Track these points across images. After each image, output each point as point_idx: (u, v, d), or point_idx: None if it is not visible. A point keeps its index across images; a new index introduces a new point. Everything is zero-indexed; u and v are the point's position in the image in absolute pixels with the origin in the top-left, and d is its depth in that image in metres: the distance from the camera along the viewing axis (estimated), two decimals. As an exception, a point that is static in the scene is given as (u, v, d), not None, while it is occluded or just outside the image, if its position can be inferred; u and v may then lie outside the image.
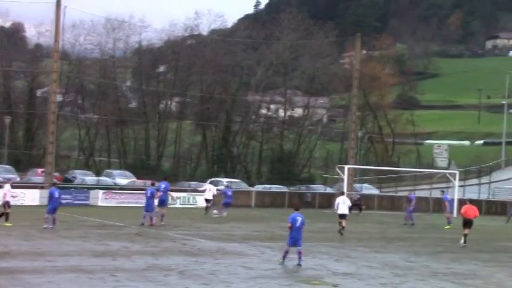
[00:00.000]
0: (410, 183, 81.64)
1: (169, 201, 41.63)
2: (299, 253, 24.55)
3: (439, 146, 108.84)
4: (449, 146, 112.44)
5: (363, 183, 76.22)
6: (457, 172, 67.61)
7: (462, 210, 36.23)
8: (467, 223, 35.39)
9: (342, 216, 38.71)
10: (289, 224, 24.64)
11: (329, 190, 70.01)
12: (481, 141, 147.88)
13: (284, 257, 24.80)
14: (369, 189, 72.70)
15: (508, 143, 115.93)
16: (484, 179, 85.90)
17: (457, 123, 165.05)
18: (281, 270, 23.63)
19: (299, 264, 24.45)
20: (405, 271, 24.61)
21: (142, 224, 36.95)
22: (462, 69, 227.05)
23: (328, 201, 63.16)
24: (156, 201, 38.08)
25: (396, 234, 40.72)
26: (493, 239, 39.07)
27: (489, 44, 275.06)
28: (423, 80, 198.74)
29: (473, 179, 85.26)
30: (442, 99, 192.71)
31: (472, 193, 75.89)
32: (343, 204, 38.89)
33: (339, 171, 61.19)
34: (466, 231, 35.40)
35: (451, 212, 48.66)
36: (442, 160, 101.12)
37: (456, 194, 63.97)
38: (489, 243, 36.88)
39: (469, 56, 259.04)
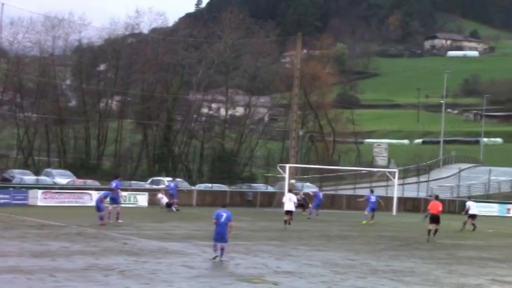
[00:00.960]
0: (351, 181, 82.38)
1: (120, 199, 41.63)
2: (222, 249, 25.08)
3: (379, 145, 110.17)
4: (389, 144, 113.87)
5: (304, 182, 76.57)
6: (396, 170, 68.36)
7: (429, 206, 38.60)
8: (433, 218, 37.50)
9: (288, 212, 40.37)
10: (214, 220, 25.23)
11: (270, 189, 70.19)
12: (420, 140, 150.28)
13: (215, 251, 25.18)
14: (309, 188, 73.06)
15: (446, 142, 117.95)
16: (423, 177, 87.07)
17: (397, 122, 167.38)
18: (222, 269, 23.66)
19: (221, 260, 24.88)
20: (345, 269, 24.83)
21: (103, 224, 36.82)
22: (401, 69, 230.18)
23: (269, 200, 63.39)
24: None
25: (337, 232, 41.07)
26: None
27: (427, 44, 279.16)
28: (363, 79, 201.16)
29: (412, 178, 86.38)
30: (381, 99, 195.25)
31: (411, 191, 76.97)
32: (289, 202, 40.63)
33: (280, 170, 61.39)
34: (431, 226, 37.48)
35: (371, 210, 49.56)
36: (381, 159, 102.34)
37: (396, 192, 64.77)
38: (427, 240, 37.45)
39: (408, 56, 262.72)
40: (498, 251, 34.65)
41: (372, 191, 52.88)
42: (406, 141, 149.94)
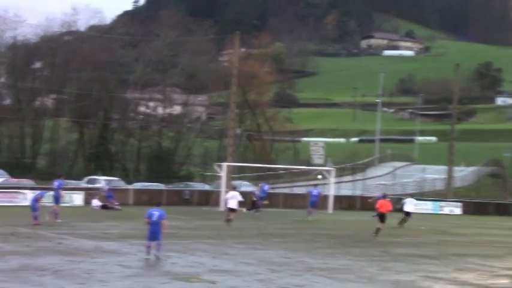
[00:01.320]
0: (288, 180, 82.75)
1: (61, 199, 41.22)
2: (158, 245, 25.24)
3: (316, 144, 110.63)
4: (326, 143, 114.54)
5: (241, 180, 76.70)
6: (333, 169, 68.85)
7: (377, 205, 40.05)
8: (382, 217, 39.03)
9: (231, 210, 41.69)
10: (147, 220, 25.37)
11: (207, 187, 70.17)
12: (356, 139, 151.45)
13: (148, 252, 25.20)
14: (246, 187, 73.27)
15: (382, 141, 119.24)
16: (359, 176, 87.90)
17: (334, 121, 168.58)
18: (158, 268, 23.58)
19: (157, 256, 25.04)
20: (282, 267, 24.95)
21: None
22: (338, 68, 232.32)
23: (206, 198, 63.34)
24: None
25: (273, 230, 41.24)
26: (367, 233, 40.08)
27: (364, 43, 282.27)
28: (301, 78, 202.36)
29: (348, 176, 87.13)
30: (319, 97, 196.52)
31: (346, 189, 77.68)
32: (232, 200, 41.77)
33: (217, 169, 61.41)
34: (381, 225, 38.95)
35: (312, 205, 50.68)
36: (318, 157, 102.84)
37: (332, 190, 65.28)
38: (363, 238, 37.88)
39: (345, 55, 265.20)
40: (431, 248, 35.21)
41: (315, 186, 53.53)
42: (342, 140, 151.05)
